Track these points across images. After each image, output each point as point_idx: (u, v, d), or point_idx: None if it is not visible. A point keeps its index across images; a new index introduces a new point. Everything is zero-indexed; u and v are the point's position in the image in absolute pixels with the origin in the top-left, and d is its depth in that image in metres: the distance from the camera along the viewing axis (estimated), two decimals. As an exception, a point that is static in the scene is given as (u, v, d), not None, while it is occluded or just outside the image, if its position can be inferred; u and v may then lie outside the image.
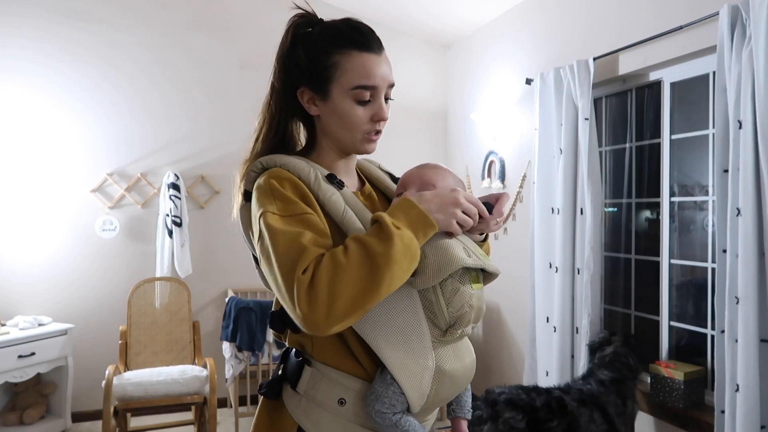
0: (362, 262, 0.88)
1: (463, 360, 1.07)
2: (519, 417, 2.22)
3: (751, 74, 2.06)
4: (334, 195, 1.03)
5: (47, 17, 3.76)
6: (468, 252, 1.01)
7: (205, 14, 4.10)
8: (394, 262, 0.88)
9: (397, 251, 0.89)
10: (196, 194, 4.07)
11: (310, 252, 0.91)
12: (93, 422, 3.79)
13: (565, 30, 3.23)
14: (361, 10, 4.19)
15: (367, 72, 1.04)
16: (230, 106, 4.09)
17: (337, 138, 1.11)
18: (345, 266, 0.87)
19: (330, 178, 1.05)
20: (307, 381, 1.04)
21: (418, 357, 1.00)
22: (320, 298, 0.86)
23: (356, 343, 1.02)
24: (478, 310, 1.04)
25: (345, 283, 0.87)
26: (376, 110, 1.07)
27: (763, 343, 2.08)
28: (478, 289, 1.04)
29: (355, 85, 1.04)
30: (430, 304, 1.00)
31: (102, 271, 3.90)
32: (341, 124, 1.08)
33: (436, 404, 1.06)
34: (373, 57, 1.06)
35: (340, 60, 1.05)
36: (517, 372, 3.65)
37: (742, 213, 2.09)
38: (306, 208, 0.98)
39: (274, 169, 1.04)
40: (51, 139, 3.79)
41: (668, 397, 2.53)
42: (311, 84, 1.08)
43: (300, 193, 1.00)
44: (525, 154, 3.57)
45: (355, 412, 1.02)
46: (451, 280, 1.00)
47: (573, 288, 2.98)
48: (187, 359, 3.60)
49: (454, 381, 1.05)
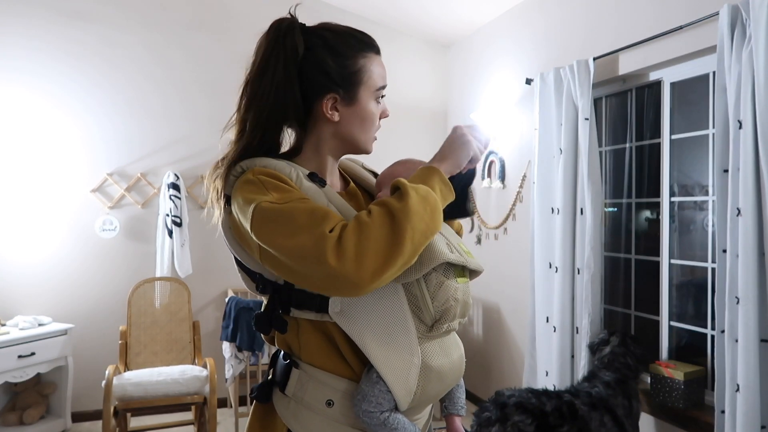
0: (383, 219, 0.89)
1: (450, 356, 1.07)
2: (528, 421, 2.22)
3: (751, 74, 2.06)
4: (317, 193, 1.03)
5: (47, 17, 3.76)
6: (451, 248, 1.03)
7: (205, 14, 4.10)
8: (413, 213, 0.89)
9: (414, 203, 0.90)
10: (196, 194, 4.07)
11: (333, 216, 0.92)
12: (93, 422, 3.79)
13: (565, 30, 3.23)
14: (361, 10, 4.19)
15: (383, 72, 1.12)
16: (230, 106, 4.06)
17: (353, 140, 1.12)
18: (369, 224, 0.89)
19: (312, 176, 1.06)
20: (295, 383, 1.05)
21: (403, 353, 1.00)
22: (348, 253, 0.86)
23: (344, 342, 1.02)
24: (464, 304, 1.06)
25: (371, 238, 0.88)
26: (383, 109, 1.14)
27: (763, 343, 2.08)
28: (463, 283, 1.06)
29: (379, 86, 1.11)
30: (415, 298, 1.01)
31: (102, 271, 3.90)
32: (362, 126, 1.11)
33: (424, 401, 1.07)
34: (380, 59, 1.13)
35: (365, 63, 1.09)
36: (517, 372, 3.65)
37: (742, 213, 2.09)
38: (304, 194, 0.99)
39: (258, 167, 1.03)
40: (51, 139, 3.79)
41: (668, 397, 2.53)
42: (342, 89, 1.07)
43: (289, 186, 1.00)
44: (525, 154, 3.57)
45: (343, 413, 1.02)
46: (436, 274, 1.01)
47: (573, 288, 2.98)
48: (187, 359, 3.60)
49: (441, 377, 1.05)
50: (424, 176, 0.98)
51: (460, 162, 1.03)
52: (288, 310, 1.03)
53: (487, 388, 3.90)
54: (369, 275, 0.87)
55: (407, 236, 0.89)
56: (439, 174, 0.99)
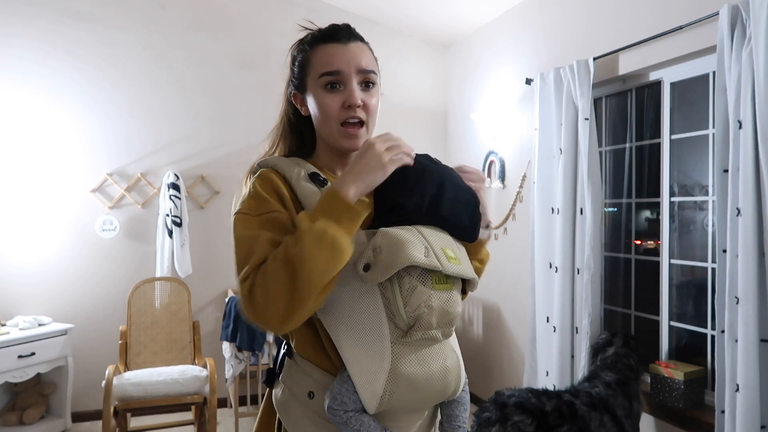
0: (282, 268, 0.91)
1: (427, 366, 1.01)
2: (528, 421, 2.22)
3: (751, 74, 2.06)
4: (312, 193, 1.05)
5: (47, 17, 3.76)
6: (428, 252, 0.98)
7: (205, 14, 4.10)
8: (306, 259, 0.90)
9: (307, 247, 0.91)
10: (196, 194, 4.07)
11: (255, 258, 0.95)
12: (93, 422, 3.79)
13: (565, 30, 3.23)
14: (361, 10, 4.19)
15: (330, 59, 1.09)
16: (230, 106, 4.09)
17: (321, 133, 1.15)
18: (271, 273, 0.92)
19: (312, 176, 1.09)
20: (286, 371, 1.10)
21: (374, 356, 0.99)
22: (256, 303, 0.93)
23: (327, 336, 1.03)
24: (442, 312, 0.99)
25: (273, 288, 0.91)
26: (346, 96, 1.09)
27: (763, 343, 2.08)
28: (441, 290, 0.99)
29: (321, 72, 1.10)
30: (388, 302, 0.98)
31: (102, 271, 3.90)
32: (319, 116, 1.12)
33: (399, 409, 1.02)
34: (338, 46, 1.10)
35: (310, 55, 1.12)
36: (517, 372, 3.65)
37: (742, 213, 2.09)
38: (276, 206, 1.03)
39: (263, 170, 1.09)
40: (51, 139, 3.79)
41: (668, 397, 2.53)
42: (295, 84, 1.16)
43: (277, 193, 1.04)
44: (525, 154, 3.57)
45: (321, 407, 1.03)
46: (409, 279, 0.97)
47: (573, 288, 2.98)
48: (187, 359, 3.60)
49: (413, 386, 0.99)
50: (325, 207, 0.96)
51: (371, 183, 1.00)
52: None
53: (487, 388, 3.90)
54: (276, 322, 0.93)
55: (305, 280, 0.90)
56: (341, 203, 0.96)
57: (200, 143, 4.08)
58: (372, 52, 1.16)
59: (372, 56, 1.15)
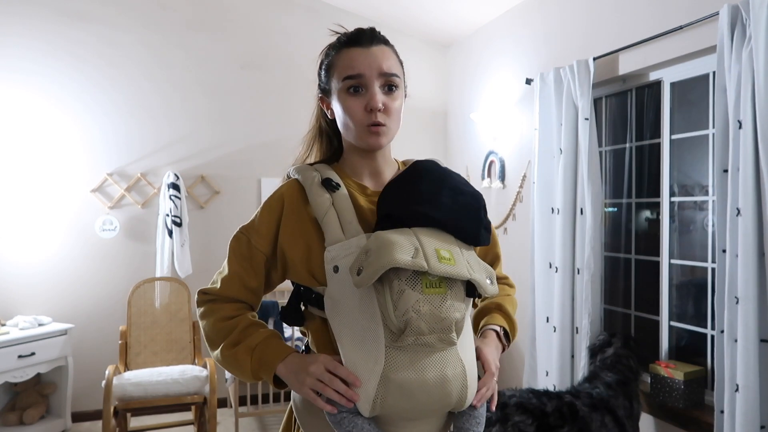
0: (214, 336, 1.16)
1: (422, 372, 0.98)
2: (529, 421, 2.22)
3: (751, 74, 2.06)
4: (321, 198, 1.11)
5: (47, 17, 3.76)
6: (416, 253, 0.96)
7: (205, 14, 4.10)
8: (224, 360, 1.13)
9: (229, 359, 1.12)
10: (196, 194, 4.07)
11: (220, 289, 1.18)
12: (93, 422, 3.80)
13: (565, 30, 3.23)
14: (361, 10, 4.19)
15: (352, 63, 1.11)
16: (230, 106, 4.09)
17: (345, 136, 1.17)
18: (209, 329, 1.17)
19: (325, 182, 1.13)
20: None
21: (368, 359, 0.99)
22: (201, 325, 1.19)
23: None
24: (433, 318, 0.95)
25: (206, 334, 1.18)
26: (368, 99, 1.11)
27: (763, 343, 2.08)
28: (433, 294, 0.96)
29: (344, 76, 1.12)
30: (381, 305, 0.98)
31: (102, 271, 3.90)
32: (344, 119, 1.13)
33: (393, 415, 1.01)
34: (361, 50, 1.12)
35: (335, 59, 1.15)
36: (517, 372, 3.65)
37: (742, 213, 2.09)
38: (263, 245, 1.15)
39: (288, 182, 1.18)
40: (51, 139, 3.79)
41: (668, 397, 2.53)
42: (322, 87, 1.20)
43: (277, 220, 1.15)
44: (525, 154, 3.57)
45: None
46: (398, 282, 0.96)
47: (573, 288, 2.98)
48: (187, 359, 3.60)
49: (406, 393, 0.98)
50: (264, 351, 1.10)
51: (292, 384, 1.07)
52: (306, 306, 1.14)
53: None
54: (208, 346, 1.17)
55: (219, 362, 1.15)
56: (268, 365, 1.08)
57: (200, 143, 4.08)
58: (397, 55, 1.17)
59: (396, 59, 1.16)
